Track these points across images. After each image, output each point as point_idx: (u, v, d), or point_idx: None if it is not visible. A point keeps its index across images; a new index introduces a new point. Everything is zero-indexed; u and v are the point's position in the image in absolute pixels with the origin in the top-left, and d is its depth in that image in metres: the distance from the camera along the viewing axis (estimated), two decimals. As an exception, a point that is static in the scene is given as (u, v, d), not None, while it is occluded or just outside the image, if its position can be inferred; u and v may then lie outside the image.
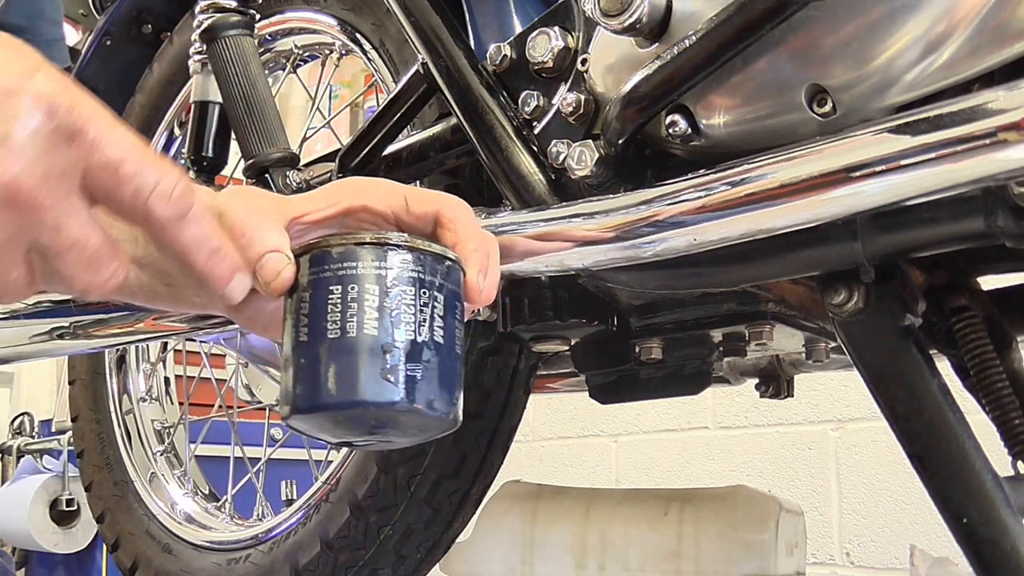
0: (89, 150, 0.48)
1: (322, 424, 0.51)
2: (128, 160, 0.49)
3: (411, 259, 0.51)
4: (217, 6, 1.18)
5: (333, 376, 0.49)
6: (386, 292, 0.50)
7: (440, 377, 0.51)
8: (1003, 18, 0.63)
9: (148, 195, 0.49)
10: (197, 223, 0.51)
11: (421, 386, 0.50)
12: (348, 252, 0.51)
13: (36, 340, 0.93)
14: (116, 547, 1.51)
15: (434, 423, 0.52)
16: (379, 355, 0.49)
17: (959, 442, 0.75)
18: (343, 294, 0.50)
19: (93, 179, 0.49)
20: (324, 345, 0.50)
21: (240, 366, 1.60)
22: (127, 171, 0.49)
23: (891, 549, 2.30)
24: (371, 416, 0.50)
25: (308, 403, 0.50)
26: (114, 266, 0.51)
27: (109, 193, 0.49)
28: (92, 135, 0.48)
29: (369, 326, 0.50)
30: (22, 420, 3.67)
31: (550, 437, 3.06)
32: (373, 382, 0.49)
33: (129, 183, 0.49)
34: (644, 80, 0.76)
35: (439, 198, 0.59)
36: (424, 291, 0.51)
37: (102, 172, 0.49)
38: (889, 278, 0.77)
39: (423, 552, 1.20)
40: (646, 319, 1.00)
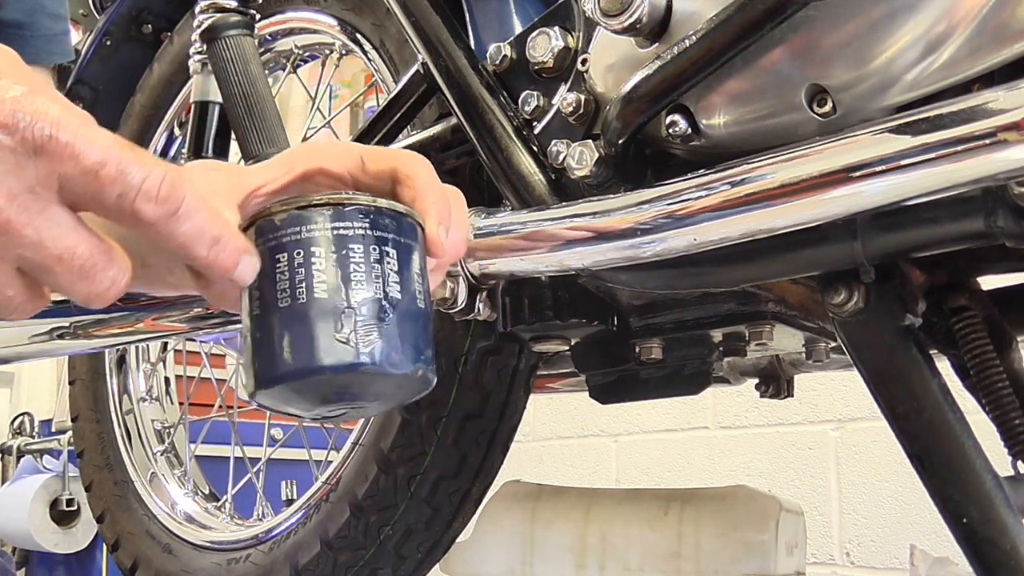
0: (62, 159, 0.45)
1: (287, 396, 0.50)
2: (108, 163, 0.46)
3: (356, 216, 0.50)
4: (217, 6, 1.18)
5: (288, 345, 0.48)
6: (333, 253, 0.49)
7: (401, 334, 0.49)
8: (1003, 18, 0.63)
9: (134, 197, 0.47)
10: (190, 216, 0.49)
11: (380, 345, 0.48)
12: (291, 218, 0.50)
13: (36, 340, 0.93)
14: (116, 547, 1.51)
15: (401, 382, 0.50)
16: (332, 318, 0.48)
17: (959, 442, 0.75)
18: (290, 261, 0.49)
19: (72, 188, 0.47)
20: (276, 315, 0.48)
21: (240, 366, 1.60)
22: (108, 174, 0.46)
23: (891, 549, 2.30)
24: (333, 382, 0.48)
25: (267, 376, 0.49)
26: (112, 272, 0.49)
27: (92, 199, 0.47)
28: (63, 141, 0.45)
29: (319, 289, 0.48)
30: (22, 420, 3.67)
31: (550, 437, 3.06)
32: (329, 346, 0.47)
33: (111, 187, 0.47)
34: (644, 80, 0.76)
35: (395, 155, 0.57)
36: (374, 248, 0.50)
37: (80, 179, 0.46)
38: (889, 278, 0.77)
39: (423, 552, 1.20)
40: (646, 319, 1.00)
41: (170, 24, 1.52)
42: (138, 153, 0.48)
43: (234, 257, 0.50)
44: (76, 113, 0.47)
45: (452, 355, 1.10)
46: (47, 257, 0.47)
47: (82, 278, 0.48)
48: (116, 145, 0.47)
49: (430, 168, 0.57)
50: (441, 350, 1.10)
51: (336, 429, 1.39)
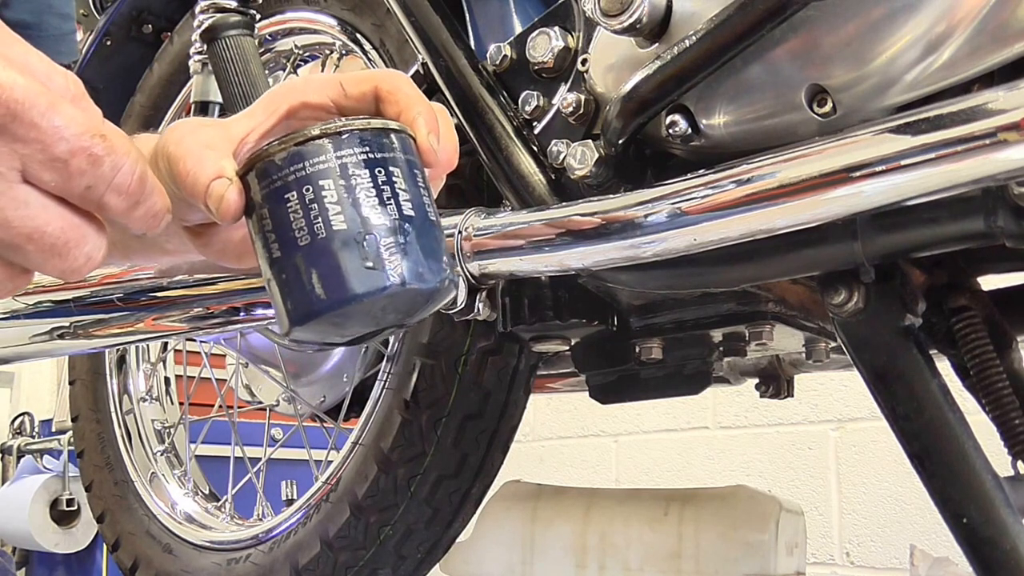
0: (24, 141, 0.43)
1: (323, 329, 0.50)
2: (77, 153, 0.44)
3: (355, 141, 0.50)
4: (217, 6, 1.18)
5: (318, 281, 0.48)
6: (342, 183, 0.49)
7: (422, 248, 0.49)
8: (1003, 18, 0.63)
9: (104, 191, 0.45)
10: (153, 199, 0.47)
11: (407, 263, 0.48)
12: (291, 155, 0.50)
13: (36, 340, 0.93)
14: (116, 547, 1.51)
15: (432, 294, 0.50)
16: (356, 246, 0.48)
17: (959, 442, 0.75)
18: (300, 198, 0.49)
19: (37, 171, 0.44)
20: (299, 254, 0.48)
21: (240, 366, 1.60)
22: (77, 166, 0.44)
23: (891, 549, 2.30)
24: (368, 308, 0.48)
25: (303, 313, 0.49)
26: (87, 248, 0.47)
27: (57, 186, 0.45)
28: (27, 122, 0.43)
29: (336, 221, 0.48)
30: (22, 420, 3.67)
31: (550, 437, 3.06)
32: (359, 274, 0.48)
33: (80, 178, 0.45)
34: (644, 80, 0.76)
35: (374, 74, 0.56)
36: (379, 169, 0.50)
37: (46, 165, 0.44)
38: (889, 278, 0.77)
39: (423, 552, 1.20)
40: (646, 319, 1.00)
41: (170, 24, 1.52)
42: (111, 142, 0.46)
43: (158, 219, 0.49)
44: (48, 95, 0.44)
45: (452, 355, 1.10)
46: (16, 236, 0.45)
47: (54, 256, 0.46)
48: (88, 133, 0.45)
49: (410, 81, 0.56)
50: (441, 350, 1.10)
51: (336, 429, 1.39)
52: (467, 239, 0.83)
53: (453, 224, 0.84)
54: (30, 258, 0.46)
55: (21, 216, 0.45)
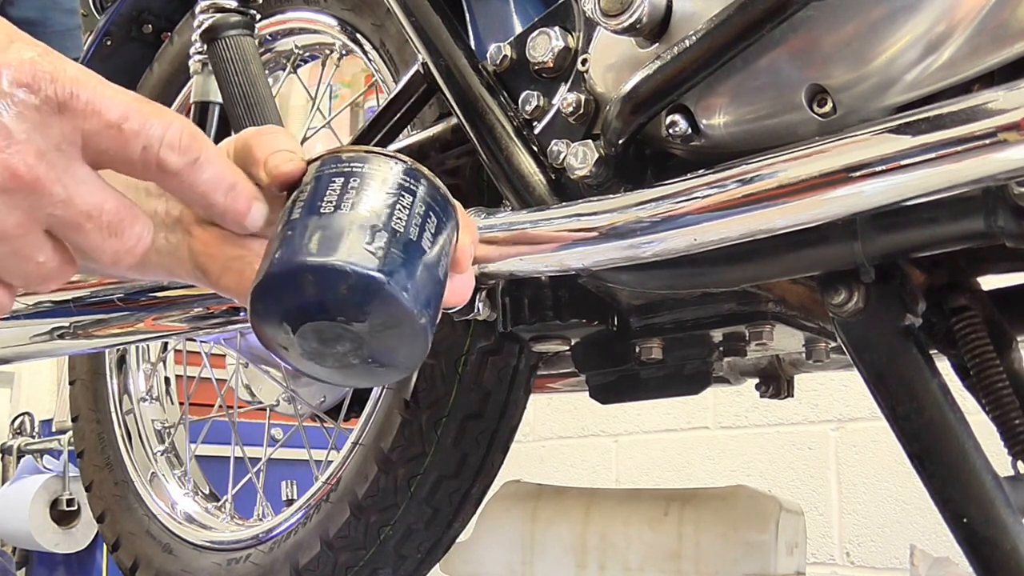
0: (85, 115, 0.47)
1: (285, 298, 0.48)
2: (130, 117, 0.48)
3: (416, 177, 0.51)
4: (217, 6, 1.18)
5: (317, 240, 0.48)
6: (387, 190, 0.50)
7: (421, 279, 0.49)
8: (1003, 18, 0.63)
9: (159, 148, 0.48)
10: (211, 163, 0.50)
11: (402, 271, 0.48)
12: (358, 156, 0.52)
13: (36, 340, 0.93)
14: (116, 547, 1.52)
15: (406, 321, 0.48)
16: (369, 231, 0.48)
17: (959, 442, 0.75)
18: (344, 183, 0.50)
19: (96, 143, 0.48)
20: (315, 217, 0.49)
21: (240, 366, 1.60)
22: (131, 128, 0.48)
23: (891, 549, 2.30)
24: (346, 284, 0.47)
25: (283, 264, 0.48)
26: (138, 228, 0.50)
27: (116, 154, 0.48)
28: (84, 99, 0.46)
29: (363, 206, 0.49)
30: (22, 420, 3.67)
31: (550, 437, 3.06)
32: (356, 249, 0.47)
33: (136, 140, 0.48)
34: (644, 80, 0.76)
35: None
36: (422, 206, 0.51)
37: (104, 135, 0.47)
38: (889, 278, 0.77)
39: (423, 552, 1.20)
40: (646, 319, 1.00)
41: (170, 24, 1.52)
42: (156, 106, 0.49)
43: (247, 203, 0.52)
44: (91, 72, 0.48)
45: (452, 355, 1.10)
46: (77, 214, 0.48)
47: (111, 235, 0.49)
48: (135, 100, 0.48)
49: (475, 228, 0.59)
50: (441, 350, 1.10)
51: (336, 429, 1.39)
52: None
53: (453, 224, 0.84)
54: (89, 237, 0.49)
55: (82, 193, 0.47)
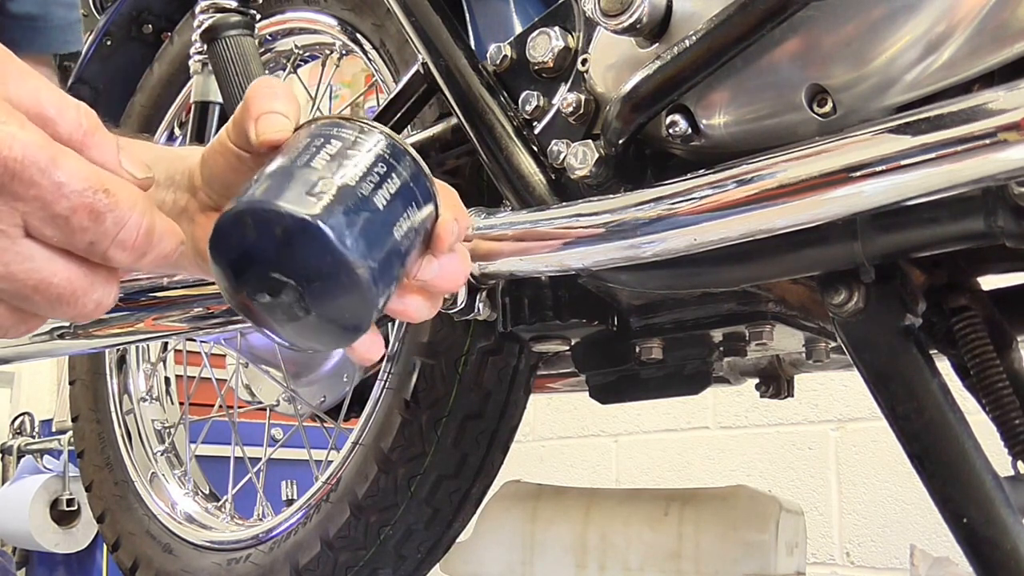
0: (26, 201, 0.43)
1: (231, 245, 0.49)
2: (78, 210, 0.43)
3: (392, 148, 0.52)
4: (217, 6, 1.18)
5: (266, 187, 0.49)
6: (347, 149, 0.51)
7: (364, 231, 0.49)
8: (1003, 18, 0.63)
9: (108, 246, 0.45)
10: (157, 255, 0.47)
11: (342, 219, 0.48)
12: (334, 122, 0.53)
13: (36, 340, 0.93)
14: (116, 547, 1.51)
15: (344, 273, 0.48)
16: (313, 179, 0.49)
17: (959, 442, 0.75)
18: (321, 144, 0.51)
19: (37, 229, 0.44)
20: (277, 170, 0.50)
21: (240, 366, 1.60)
22: (79, 223, 0.43)
23: (891, 549, 2.30)
24: (279, 225, 0.47)
25: (229, 211, 0.49)
26: (96, 295, 0.47)
27: (60, 241, 0.45)
28: (27, 184, 0.42)
29: (318, 162, 0.50)
30: (22, 420, 3.68)
31: (550, 437, 3.06)
32: (296, 195, 0.48)
33: (82, 235, 0.44)
34: (644, 80, 0.76)
35: None
36: (384, 167, 0.51)
37: (48, 223, 0.43)
38: (889, 278, 0.77)
39: (423, 552, 1.20)
40: (646, 319, 1.00)
41: (170, 24, 1.52)
42: (115, 195, 0.44)
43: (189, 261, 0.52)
44: (47, 144, 0.43)
45: (452, 355, 1.10)
46: (21, 288, 0.45)
47: (62, 304, 0.46)
48: (91, 187, 0.44)
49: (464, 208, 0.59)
50: (441, 350, 1.10)
51: (336, 429, 1.39)
52: (467, 239, 0.83)
53: (453, 224, 0.84)
54: (39, 307, 0.47)
55: (26, 269, 0.44)
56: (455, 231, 0.55)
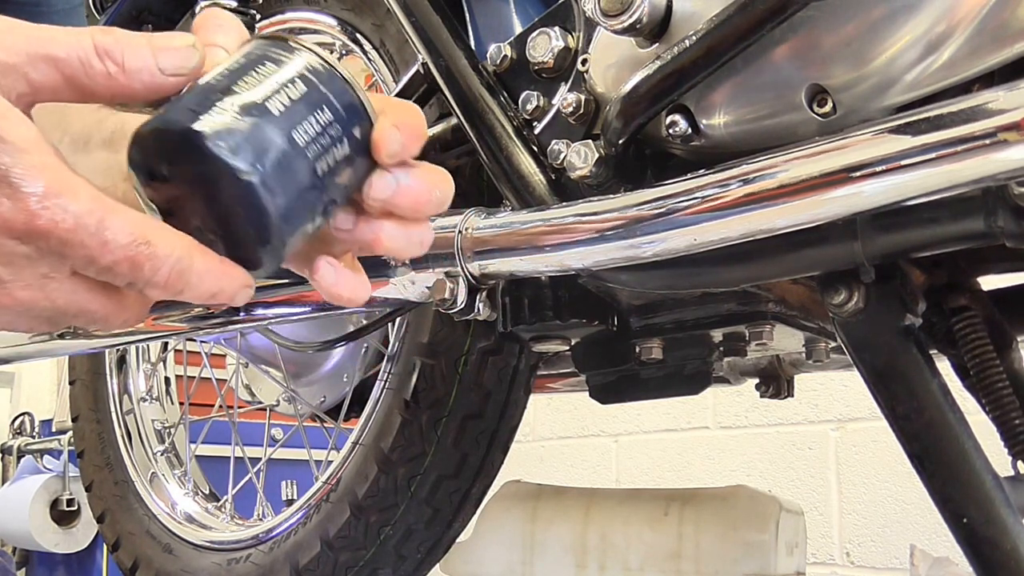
0: (75, 259, 0.48)
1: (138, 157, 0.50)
2: (120, 262, 0.48)
3: (307, 61, 0.52)
4: (217, 6, 1.18)
5: (169, 104, 0.50)
6: (259, 64, 0.51)
7: (254, 138, 0.49)
8: (1003, 18, 0.63)
9: (143, 287, 0.50)
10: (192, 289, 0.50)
11: (221, 124, 0.48)
12: (261, 43, 0.53)
13: (36, 340, 0.93)
14: (117, 547, 1.52)
15: (225, 172, 0.48)
16: (209, 95, 0.49)
17: (959, 442, 0.75)
18: (235, 61, 0.52)
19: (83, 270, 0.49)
20: (186, 88, 0.51)
21: (240, 366, 1.60)
22: (120, 271, 0.48)
23: (891, 549, 2.30)
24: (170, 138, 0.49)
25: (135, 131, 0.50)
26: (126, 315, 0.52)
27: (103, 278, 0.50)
28: (79, 244, 0.47)
29: (218, 73, 0.51)
30: (23, 420, 3.68)
31: (550, 437, 3.06)
32: (190, 108, 0.49)
33: (121, 278, 0.49)
34: (644, 80, 0.76)
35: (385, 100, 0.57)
36: (297, 83, 0.51)
37: (92, 272, 0.49)
38: (889, 278, 0.77)
39: (423, 552, 1.20)
40: (646, 319, 1.00)
41: (170, 24, 1.52)
42: (154, 244, 0.48)
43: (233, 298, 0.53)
44: (93, 207, 0.47)
45: (452, 355, 1.10)
46: (63, 315, 0.51)
47: (95, 323, 0.52)
48: (135, 241, 0.48)
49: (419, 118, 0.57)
50: (441, 350, 1.10)
51: (336, 429, 1.39)
52: (467, 239, 0.83)
53: (453, 224, 0.84)
54: (74, 323, 0.53)
55: (68, 302, 0.50)
56: (395, 139, 0.53)
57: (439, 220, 0.85)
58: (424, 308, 1.08)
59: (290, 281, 0.89)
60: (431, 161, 0.79)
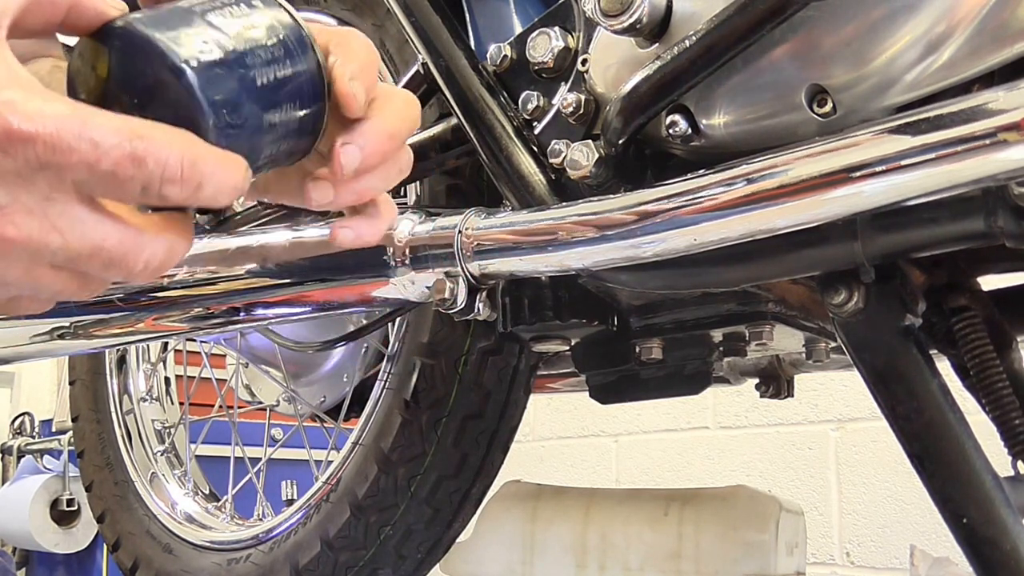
0: (71, 168, 0.44)
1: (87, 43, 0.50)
2: (120, 161, 0.45)
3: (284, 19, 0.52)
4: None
5: None
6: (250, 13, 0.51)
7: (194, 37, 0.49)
8: (1003, 18, 0.63)
9: (159, 186, 0.46)
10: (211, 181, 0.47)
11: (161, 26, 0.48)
12: None
13: (36, 340, 0.93)
14: (117, 547, 1.52)
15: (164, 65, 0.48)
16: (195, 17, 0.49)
17: (959, 442, 0.75)
18: None
19: (89, 189, 0.46)
20: None
21: (240, 366, 1.60)
22: (125, 173, 0.45)
23: (891, 549, 2.30)
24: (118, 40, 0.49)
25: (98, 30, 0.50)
26: (147, 252, 0.48)
27: (114, 195, 0.47)
28: (68, 152, 0.44)
29: None
30: (23, 420, 3.68)
31: (550, 437, 3.06)
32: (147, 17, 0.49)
33: (131, 184, 0.46)
34: (644, 80, 0.76)
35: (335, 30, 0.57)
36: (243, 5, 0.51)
37: (96, 181, 0.45)
38: (889, 278, 0.77)
39: (423, 552, 1.20)
40: (646, 319, 1.00)
41: None
42: (151, 136, 0.46)
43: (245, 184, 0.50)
44: (77, 108, 0.45)
45: (452, 355, 1.10)
46: (77, 256, 0.47)
47: (113, 267, 0.48)
48: (125, 137, 0.45)
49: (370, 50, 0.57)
50: (441, 350, 1.10)
51: (336, 429, 1.39)
52: (467, 239, 0.83)
53: (453, 224, 0.84)
54: (95, 270, 0.49)
55: (79, 235, 0.47)
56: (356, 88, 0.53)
57: (439, 220, 0.85)
58: (424, 308, 1.08)
59: (290, 281, 0.89)
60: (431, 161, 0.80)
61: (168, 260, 0.50)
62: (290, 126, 0.53)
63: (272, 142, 0.52)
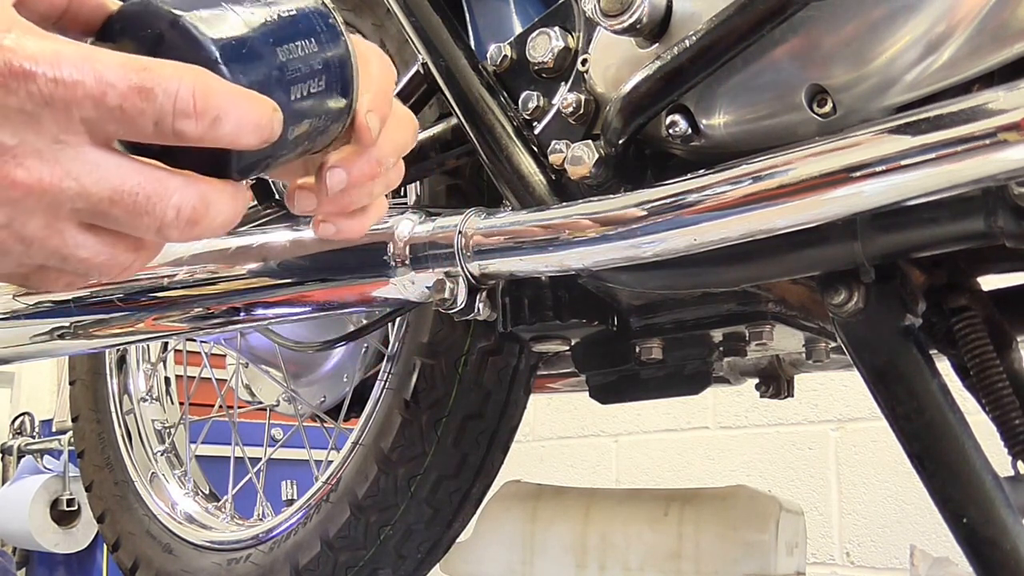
0: (76, 103, 0.42)
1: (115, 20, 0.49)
2: (127, 94, 0.43)
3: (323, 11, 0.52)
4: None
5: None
6: None
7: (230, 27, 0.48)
8: (1003, 18, 0.63)
9: (172, 120, 0.44)
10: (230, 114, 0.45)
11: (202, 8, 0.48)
12: None
13: (36, 340, 0.93)
14: (117, 547, 1.52)
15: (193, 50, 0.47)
16: None
17: (959, 442, 0.75)
18: None
19: (100, 127, 0.44)
20: None
21: (240, 366, 1.60)
22: (135, 107, 0.43)
23: (891, 549, 2.30)
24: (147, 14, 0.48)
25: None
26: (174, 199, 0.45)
27: (127, 132, 0.44)
28: (72, 86, 0.42)
29: None
30: (23, 420, 3.68)
31: (550, 437, 3.06)
32: None
33: (143, 118, 0.44)
34: (644, 80, 0.76)
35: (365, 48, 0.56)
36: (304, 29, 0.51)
37: (106, 118, 0.43)
38: (889, 278, 0.77)
39: (423, 552, 1.20)
40: (646, 319, 1.00)
41: None
42: (158, 69, 0.44)
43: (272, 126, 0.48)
44: (79, 47, 0.43)
45: (452, 355, 1.10)
46: (98, 203, 0.45)
47: (141, 213, 0.45)
48: (131, 70, 0.43)
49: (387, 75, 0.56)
50: (441, 350, 1.10)
51: (336, 429, 1.39)
52: (467, 239, 0.83)
53: (453, 224, 0.84)
54: (121, 222, 0.46)
55: (96, 180, 0.44)
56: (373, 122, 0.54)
57: (439, 220, 0.85)
58: (424, 308, 1.08)
59: (290, 281, 0.89)
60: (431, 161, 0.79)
61: (203, 211, 0.47)
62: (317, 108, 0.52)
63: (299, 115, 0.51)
